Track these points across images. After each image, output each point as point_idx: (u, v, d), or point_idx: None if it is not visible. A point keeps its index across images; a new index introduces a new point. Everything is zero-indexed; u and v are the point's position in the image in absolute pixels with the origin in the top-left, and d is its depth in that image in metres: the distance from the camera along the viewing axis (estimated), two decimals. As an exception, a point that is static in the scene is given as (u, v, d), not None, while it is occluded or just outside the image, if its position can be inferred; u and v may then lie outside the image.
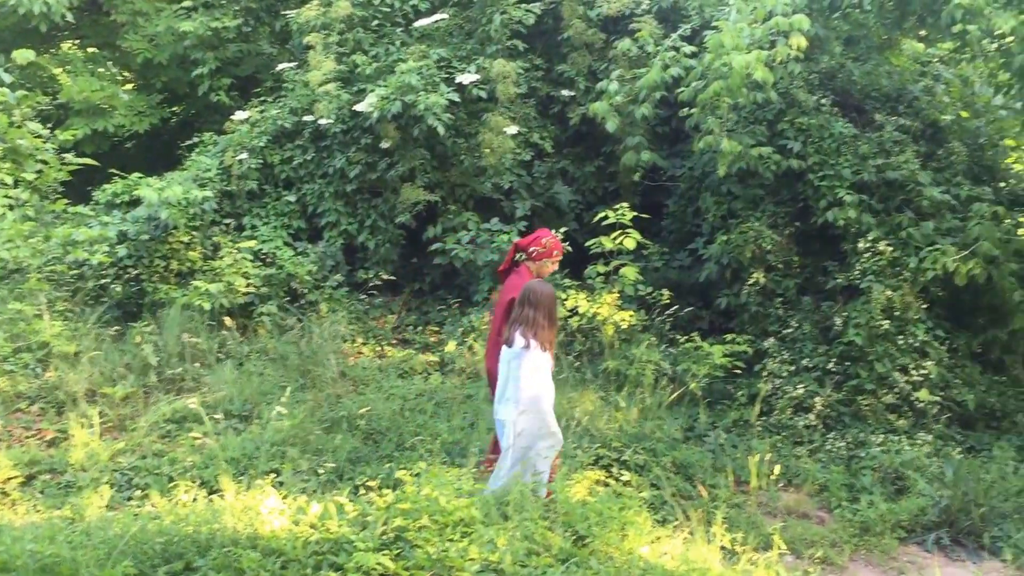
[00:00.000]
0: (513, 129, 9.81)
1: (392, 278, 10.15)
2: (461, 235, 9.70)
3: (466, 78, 9.78)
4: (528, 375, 5.73)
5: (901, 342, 7.82)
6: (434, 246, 9.84)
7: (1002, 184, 9.04)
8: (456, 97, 9.62)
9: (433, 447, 6.78)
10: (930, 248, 8.04)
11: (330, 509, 4.82)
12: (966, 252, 7.96)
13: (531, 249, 6.31)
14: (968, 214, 8.28)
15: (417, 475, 5.40)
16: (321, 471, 6.39)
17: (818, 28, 8.57)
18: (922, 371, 7.75)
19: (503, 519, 5.15)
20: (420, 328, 9.91)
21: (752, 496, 6.74)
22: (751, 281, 8.44)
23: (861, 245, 8.17)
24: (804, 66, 8.49)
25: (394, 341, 9.70)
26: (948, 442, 7.51)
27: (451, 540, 4.66)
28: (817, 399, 7.71)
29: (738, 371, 8.13)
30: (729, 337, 8.28)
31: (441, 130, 9.39)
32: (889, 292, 7.92)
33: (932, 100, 9.43)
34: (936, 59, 10.46)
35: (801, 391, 7.78)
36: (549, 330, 5.81)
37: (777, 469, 6.82)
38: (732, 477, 6.84)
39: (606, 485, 6.30)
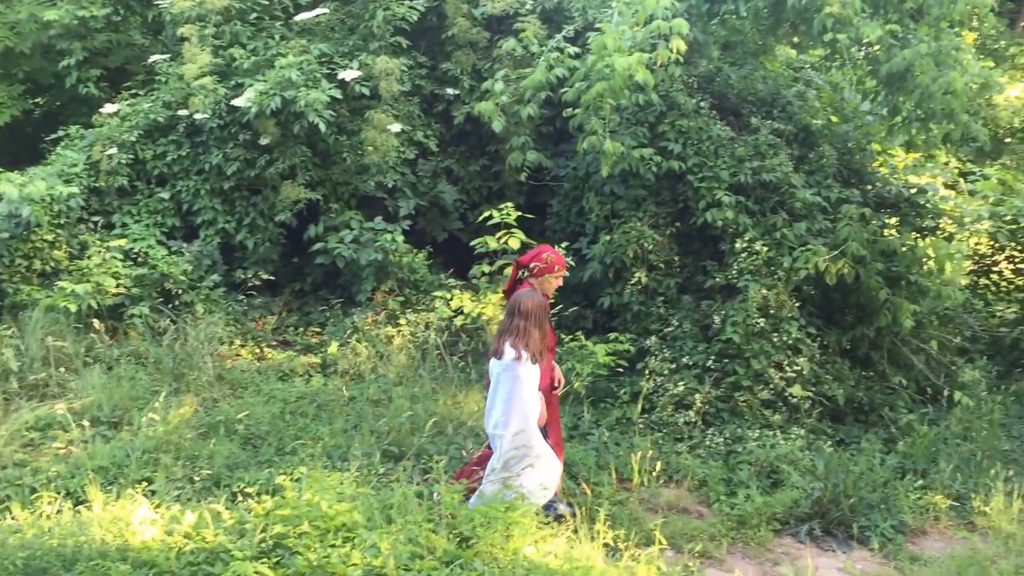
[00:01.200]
0: (397, 127, 9.71)
1: (272, 278, 9.93)
2: (344, 234, 9.54)
3: (348, 74, 9.63)
4: (524, 387, 5.67)
5: (776, 339, 8.04)
6: (316, 246, 9.65)
7: (869, 187, 9.39)
8: (338, 94, 9.46)
9: (315, 451, 6.66)
10: (802, 248, 8.29)
11: (205, 517, 4.68)
12: (836, 252, 8.24)
13: (532, 265, 6.24)
14: (838, 216, 8.57)
15: (298, 480, 5.29)
16: (196, 478, 6.19)
17: (697, 32, 8.75)
18: (795, 367, 7.99)
19: (387, 523, 5.08)
20: (301, 329, 9.71)
21: (634, 493, 6.83)
22: (633, 280, 8.56)
23: (738, 245, 8.37)
24: (684, 69, 8.64)
25: (274, 343, 9.48)
26: (820, 436, 7.75)
27: (333, 546, 4.58)
28: (697, 396, 7.86)
29: (621, 369, 8.23)
30: (612, 336, 8.38)
31: (323, 127, 9.22)
32: (764, 291, 8.13)
33: (804, 105, 9.74)
34: (808, 65, 10.82)
35: (682, 388, 7.92)
36: (540, 341, 5.76)
37: (659, 466, 6.94)
38: (615, 475, 6.92)
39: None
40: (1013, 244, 10.34)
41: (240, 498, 5.73)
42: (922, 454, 7.54)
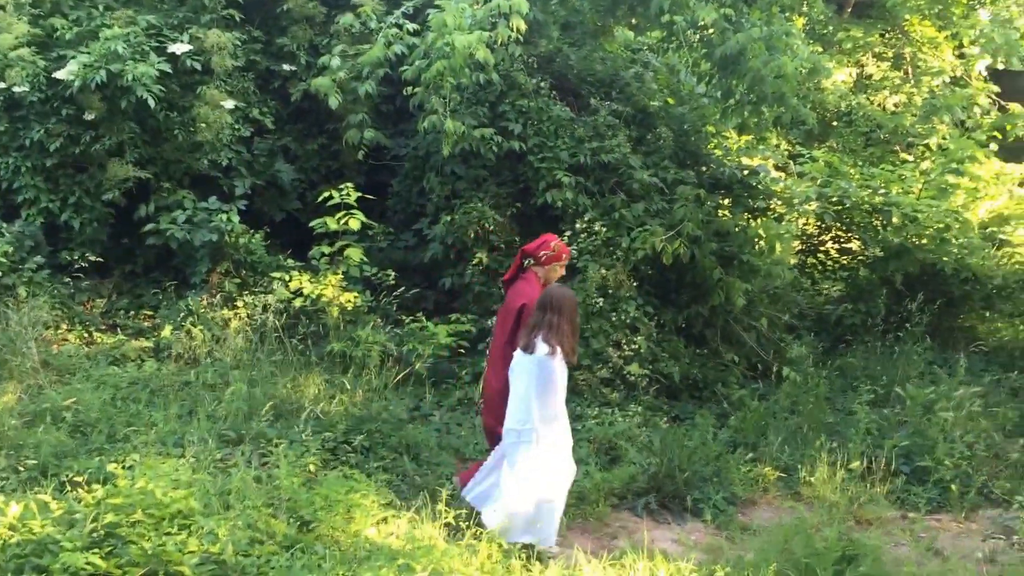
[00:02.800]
0: (230, 103, 9.35)
1: (100, 259, 9.42)
2: (176, 214, 9.15)
3: (178, 48, 9.21)
4: (555, 383, 5.56)
5: (615, 319, 8.18)
6: (147, 226, 9.22)
7: (704, 168, 9.64)
8: (168, 68, 9.03)
9: (148, 438, 6.39)
10: (640, 229, 8.45)
11: (32, 508, 4.42)
12: (672, 233, 8.44)
13: (541, 254, 6.13)
14: (674, 197, 8.77)
15: (130, 468, 5.07)
16: (21, 468, 5.84)
17: (537, 12, 8.78)
18: (633, 346, 8.15)
19: (225, 509, 4.93)
20: (132, 312, 9.28)
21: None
22: (475, 261, 8.54)
23: (578, 226, 8.46)
24: (524, 49, 8.67)
25: (103, 327, 9.03)
26: (656, 412, 7.94)
27: (168, 533, 4.41)
28: (550, 375, 7.91)
29: (462, 350, 8.20)
30: (453, 317, 8.34)
31: (152, 102, 8.79)
32: (604, 271, 8.25)
33: (642, 87, 9.90)
34: (646, 47, 11.01)
35: (524, 367, 7.95)
36: (571, 337, 5.63)
37: (499, 445, 6.96)
38: (457, 455, 6.90)
39: (333, 468, 6.20)
40: (838, 224, 10.83)
41: (69, 488, 5.44)
42: (752, 428, 7.82)
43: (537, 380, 5.59)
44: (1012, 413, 7.95)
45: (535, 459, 5.59)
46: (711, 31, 8.74)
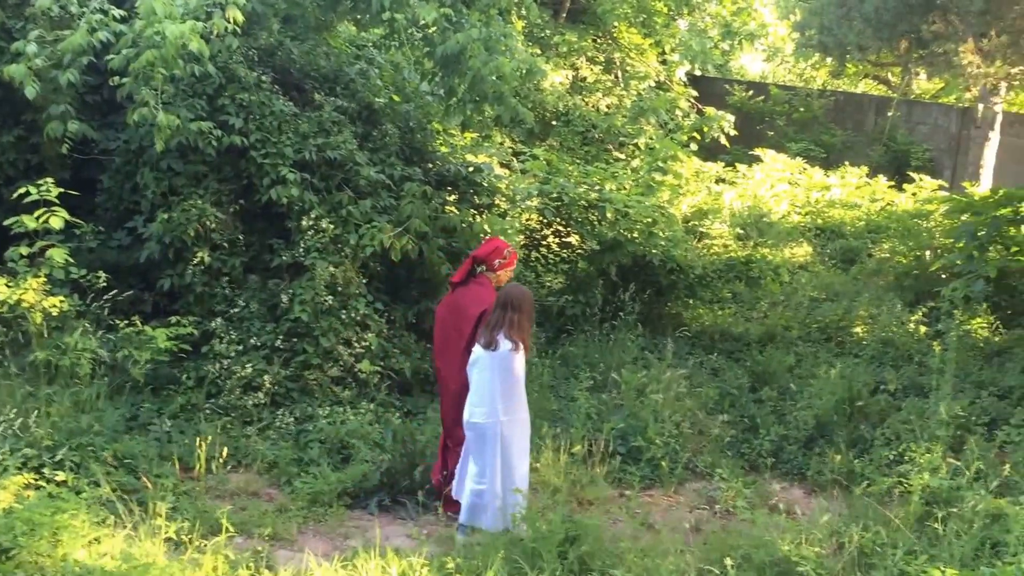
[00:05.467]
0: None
1: None
2: None
3: None
4: (518, 376, 6.09)
5: (344, 316, 8.12)
6: None
7: (430, 165, 9.74)
8: None
9: None
10: (368, 225, 8.43)
11: None
12: (400, 229, 8.48)
13: (495, 261, 6.58)
14: (401, 193, 8.81)
15: None
16: None
17: (256, 4, 8.53)
18: (364, 343, 8.13)
19: None
20: None
21: (201, 482, 6.58)
22: (195, 261, 8.16)
23: (305, 223, 8.31)
24: (243, 41, 8.37)
25: None
26: (388, 409, 7.97)
27: None
28: (266, 377, 7.72)
29: (184, 354, 7.83)
30: (174, 319, 7.93)
31: None
32: (332, 268, 8.16)
33: (367, 83, 9.86)
34: (370, 43, 10.99)
35: (250, 370, 7.73)
36: (529, 333, 6.17)
37: (225, 451, 6.73)
38: (179, 465, 6.60)
39: (37, 489, 5.74)
40: (558, 219, 11.29)
41: None
42: (481, 418, 8.01)
43: (501, 375, 6.05)
44: (713, 392, 8.65)
45: (501, 450, 6.07)
46: (432, 30, 8.86)
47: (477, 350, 6.15)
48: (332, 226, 8.30)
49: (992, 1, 10.54)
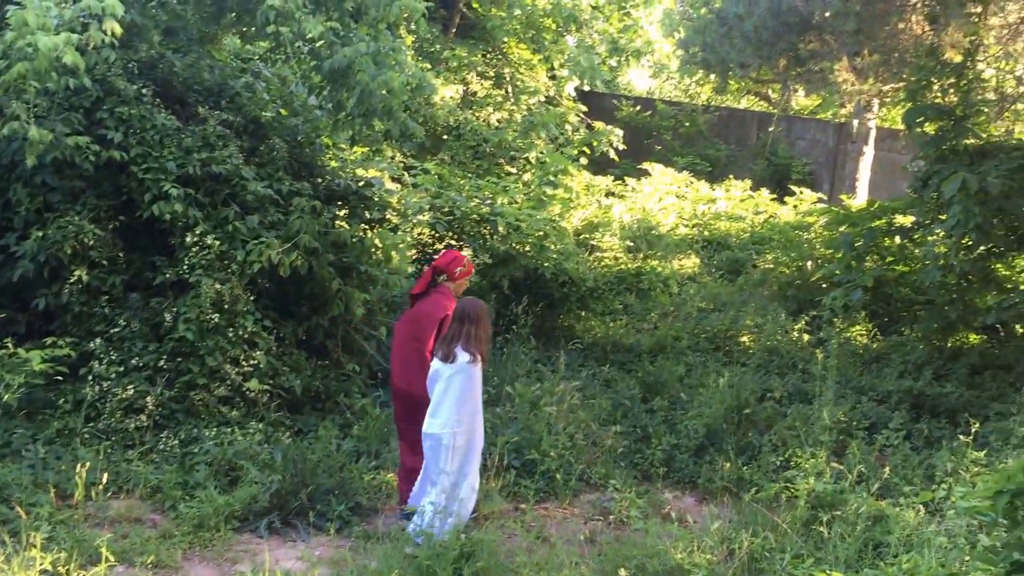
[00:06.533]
0: None
1: None
2: None
3: None
4: (475, 388, 6.31)
5: (231, 334, 7.92)
6: None
7: (320, 180, 9.60)
8: None
9: None
10: (256, 241, 8.24)
11: None
12: (289, 245, 8.33)
13: (456, 270, 6.85)
14: (290, 208, 8.66)
15: None
16: None
17: (135, 15, 8.29)
18: (252, 361, 7.94)
19: None
20: None
21: (79, 510, 6.32)
22: (73, 279, 7.86)
23: (189, 239, 8.08)
24: (122, 54, 8.11)
25: None
26: (278, 428, 7.80)
27: None
28: (148, 399, 7.47)
29: (61, 377, 7.51)
30: (50, 341, 7.61)
31: None
32: (218, 285, 7.95)
33: (253, 97, 9.67)
34: (256, 57, 10.79)
35: (131, 392, 7.47)
36: (486, 344, 6.36)
37: (105, 477, 6.49)
38: (55, 492, 6.33)
39: None
40: (450, 234, 11.29)
41: None
42: (375, 436, 7.95)
43: (460, 387, 6.23)
44: (606, 403, 8.75)
45: (455, 459, 6.24)
46: (319, 44, 8.74)
47: (435, 363, 6.36)
48: (218, 242, 8.09)
49: (864, 21, 10.95)
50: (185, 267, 8.02)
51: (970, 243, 9.18)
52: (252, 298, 8.26)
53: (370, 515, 6.97)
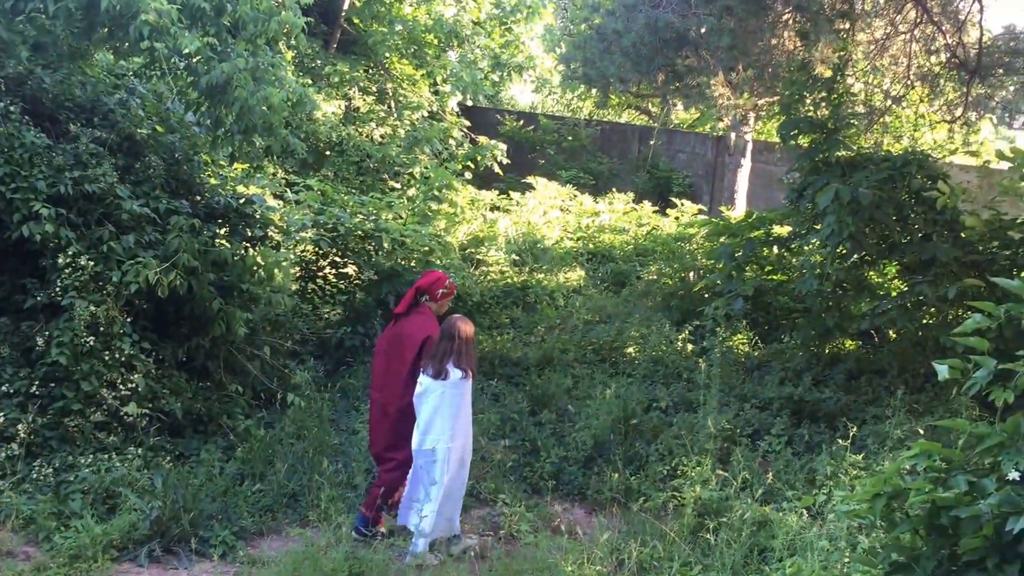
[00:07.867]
0: None
1: None
2: None
3: None
4: (467, 403, 6.51)
5: (108, 358, 7.67)
6: None
7: (199, 198, 9.40)
8: None
9: None
10: (132, 261, 8.01)
11: None
12: (167, 264, 8.12)
13: (438, 292, 7.00)
14: (168, 227, 8.45)
15: None
16: None
17: (1, 30, 7.99)
18: (130, 385, 7.71)
19: None
20: None
21: (-54, 546, 6.02)
22: (-65, 305, 7.51)
23: (61, 260, 7.79)
24: (-13, 69, 7.81)
25: None
26: (159, 453, 7.59)
27: None
28: (20, 426, 7.17)
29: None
30: (-88, 370, 7.26)
31: None
32: (93, 308, 7.70)
33: (128, 113, 9.39)
34: (130, 72, 10.51)
35: (1, 420, 7.17)
36: (475, 360, 6.66)
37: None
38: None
39: None
40: (334, 250, 11.20)
41: None
42: (260, 457, 7.80)
43: (452, 402, 6.41)
44: (495, 417, 8.80)
45: (449, 472, 6.40)
46: (196, 59, 8.58)
47: (425, 380, 6.48)
48: (92, 263, 7.83)
49: (738, 38, 11.32)
50: (58, 289, 7.74)
51: (844, 252, 9.47)
52: (129, 320, 8.02)
53: (256, 538, 6.85)
